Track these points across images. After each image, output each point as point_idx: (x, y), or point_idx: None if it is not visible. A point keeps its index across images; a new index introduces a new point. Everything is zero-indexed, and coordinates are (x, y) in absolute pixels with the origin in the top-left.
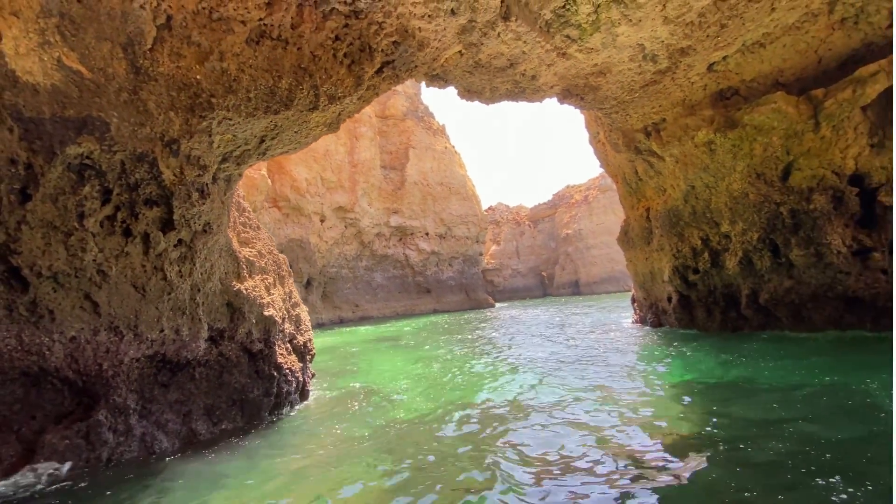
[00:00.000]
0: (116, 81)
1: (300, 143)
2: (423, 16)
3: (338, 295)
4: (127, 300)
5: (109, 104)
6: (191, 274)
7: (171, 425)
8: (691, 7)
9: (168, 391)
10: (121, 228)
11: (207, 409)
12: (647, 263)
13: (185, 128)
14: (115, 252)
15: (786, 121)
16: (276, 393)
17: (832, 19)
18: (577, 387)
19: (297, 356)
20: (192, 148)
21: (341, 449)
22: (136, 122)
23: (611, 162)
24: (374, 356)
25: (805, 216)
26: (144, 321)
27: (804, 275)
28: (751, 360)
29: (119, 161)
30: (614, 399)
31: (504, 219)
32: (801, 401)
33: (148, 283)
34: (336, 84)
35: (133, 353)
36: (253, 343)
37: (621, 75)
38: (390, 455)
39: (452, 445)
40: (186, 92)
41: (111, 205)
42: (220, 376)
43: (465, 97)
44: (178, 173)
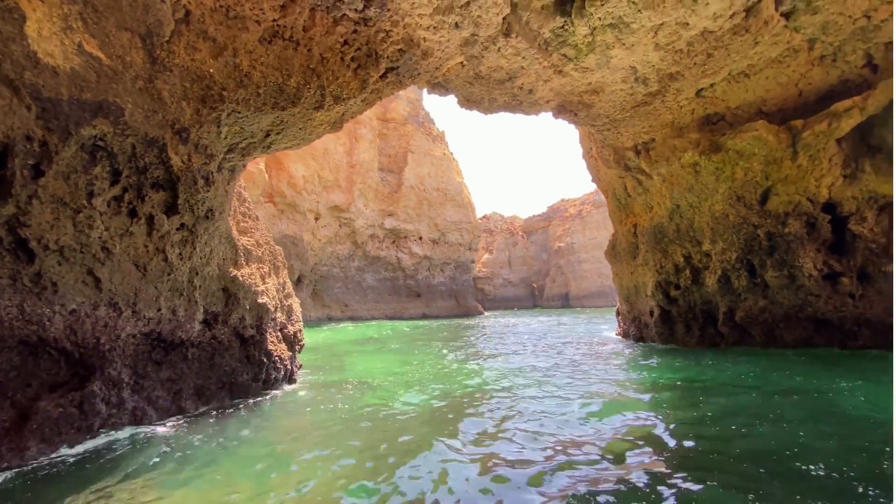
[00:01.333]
0: (133, 69)
1: (303, 140)
2: (428, 27)
3: (328, 294)
4: (128, 278)
5: (125, 90)
6: (191, 257)
7: (162, 402)
8: (680, 36)
9: (161, 369)
10: (127, 209)
11: (197, 389)
12: (632, 277)
13: (196, 117)
14: (119, 231)
15: (766, 148)
16: (264, 379)
17: (812, 56)
18: (553, 388)
19: (286, 345)
20: (200, 137)
21: (319, 435)
22: (149, 109)
23: (602, 177)
24: (362, 353)
25: (780, 239)
26: (143, 299)
27: (777, 295)
28: (722, 368)
29: (130, 144)
30: (586, 398)
31: (498, 228)
32: (767, 403)
33: (149, 263)
34: (342, 86)
35: (130, 330)
36: (245, 328)
37: (614, 95)
38: (363, 448)
39: (421, 433)
40: (199, 84)
41: (119, 186)
42: (212, 358)
43: (464, 106)
44: (185, 160)
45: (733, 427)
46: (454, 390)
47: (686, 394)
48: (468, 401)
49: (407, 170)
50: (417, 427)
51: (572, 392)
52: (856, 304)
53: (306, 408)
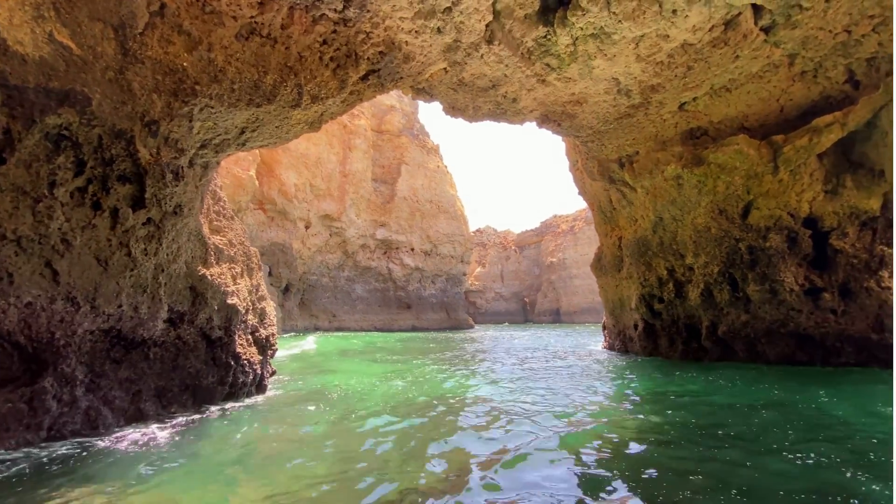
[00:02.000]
0: (104, 60)
1: (280, 139)
2: (409, 31)
3: (315, 303)
4: (88, 272)
5: (94, 80)
6: (156, 253)
7: (119, 402)
8: (661, 48)
9: (119, 368)
10: (91, 201)
11: (158, 390)
12: (617, 291)
13: (167, 111)
14: (81, 223)
15: (747, 162)
16: (231, 382)
17: (793, 71)
18: (534, 396)
19: (257, 349)
20: (171, 131)
21: (281, 447)
22: (118, 100)
23: (588, 190)
24: (343, 362)
25: (761, 253)
26: (103, 295)
27: (759, 310)
28: (702, 380)
29: (97, 135)
30: (566, 407)
31: (491, 242)
32: (743, 413)
33: (111, 257)
34: (320, 85)
35: (87, 326)
36: (213, 329)
37: (597, 106)
38: (327, 459)
39: (397, 450)
40: (172, 77)
41: (84, 177)
42: (176, 359)
43: (449, 113)
44: (154, 153)
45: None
46: (431, 404)
47: (660, 404)
48: (445, 416)
49: (400, 181)
50: (378, 449)
51: (548, 403)
52: (838, 320)
53: (267, 422)
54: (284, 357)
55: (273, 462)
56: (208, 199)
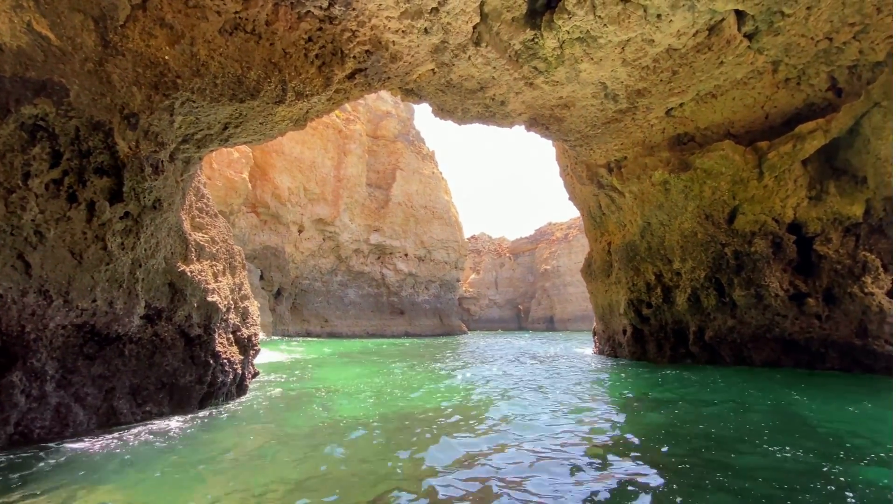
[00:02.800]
0: (83, 51)
1: (264, 135)
2: (396, 30)
3: (307, 308)
4: (61, 265)
5: (73, 72)
6: (133, 248)
7: (91, 399)
8: (647, 52)
9: (93, 364)
10: (66, 193)
11: (133, 388)
12: (606, 296)
13: (147, 103)
14: (56, 215)
15: (732, 167)
16: (209, 382)
17: (776, 78)
18: (520, 400)
19: (238, 348)
20: (151, 124)
21: (257, 453)
22: (96, 92)
23: (577, 195)
24: (331, 364)
25: (747, 258)
26: (77, 289)
27: (745, 315)
28: (686, 382)
29: (74, 126)
30: (554, 412)
31: (485, 248)
32: (727, 414)
33: (86, 250)
34: (305, 82)
35: (60, 320)
36: (192, 327)
37: (585, 110)
38: (304, 463)
39: (377, 454)
40: (153, 70)
41: (59, 168)
42: (152, 356)
43: (438, 115)
44: (133, 146)
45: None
46: (414, 409)
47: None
48: (426, 422)
49: (395, 186)
50: (354, 456)
51: (536, 406)
52: (822, 326)
53: (245, 424)
54: (271, 360)
55: (246, 468)
56: (191, 195)
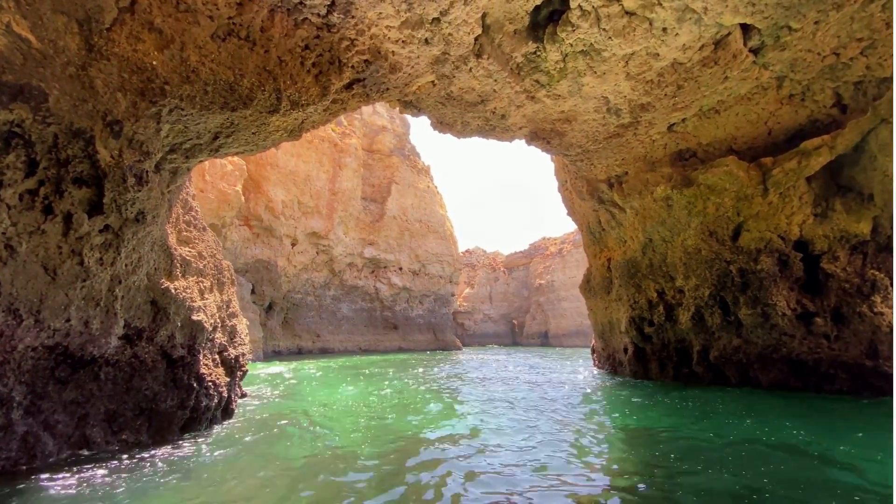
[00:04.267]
0: (66, 55)
1: (257, 146)
2: (396, 40)
3: (299, 322)
4: (33, 282)
5: (53, 76)
6: (113, 263)
7: (61, 427)
8: (651, 66)
9: (65, 389)
10: (42, 204)
11: (108, 415)
12: (606, 313)
13: (132, 111)
14: (29, 228)
15: (737, 183)
16: (192, 407)
17: (781, 94)
18: (516, 424)
19: (225, 369)
20: (136, 132)
21: (243, 489)
22: (77, 98)
23: (577, 210)
24: (320, 384)
25: (753, 276)
26: (49, 307)
27: (751, 334)
28: (687, 407)
29: (52, 134)
30: (552, 437)
31: (480, 263)
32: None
33: (61, 266)
34: (301, 91)
35: (30, 341)
36: (174, 348)
37: (586, 124)
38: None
39: (372, 487)
40: (139, 76)
41: (35, 178)
42: (130, 380)
43: (437, 129)
44: (116, 155)
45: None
46: (404, 438)
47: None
48: (416, 453)
49: (390, 200)
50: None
51: (533, 438)
52: (831, 346)
53: (230, 454)
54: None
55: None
56: (178, 207)
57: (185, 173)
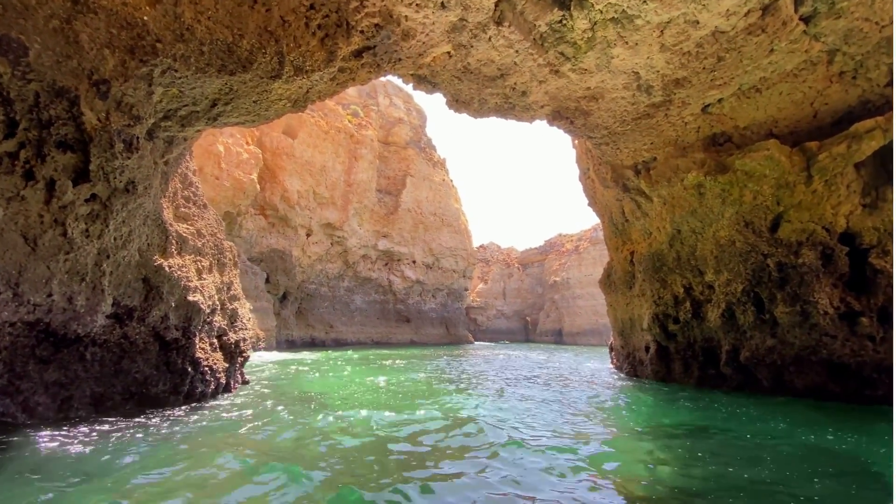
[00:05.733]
0: (49, 6)
1: (259, 116)
2: (410, 3)
3: (313, 313)
4: (11, 252)
5: (35, 28)
6: (100, 236)
7: (42, 410)
8: (689, 36)
9: (47, 369)
10: (22, 169)
11: (95, 398)
12: (627, 309)
13: (121, 69)
14: (7, 194)
15: (778, 170)
16: (186, 392)
17: (831, 71)
18: (529, 427)
19: (224, 354)
20: (125, 93)
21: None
22: (61, 53)
23: (599, 199)
24: (329, 374)
25: (792, 271)
26: (29, 280)
27: (788, 334)
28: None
29: (33, 92)
30: (562, 437)
31: (494, 258)
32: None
33: (42, 236)
34: (305, 55)
35: (7, 316)
36: (168, 329)
37: (614, 103)
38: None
39: (371, 470)
40: (129, 31)
41: (15, 140)
42: (119, 362)
43: (453, 107)
44: (102, 118)
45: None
46: (415, 424)
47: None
48: (421, 455)
49: (405, 192)
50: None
51: (538, 438)
52: (876, 349)
53: (224, 439)
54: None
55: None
56: (176, 181)
57: (182, 143)
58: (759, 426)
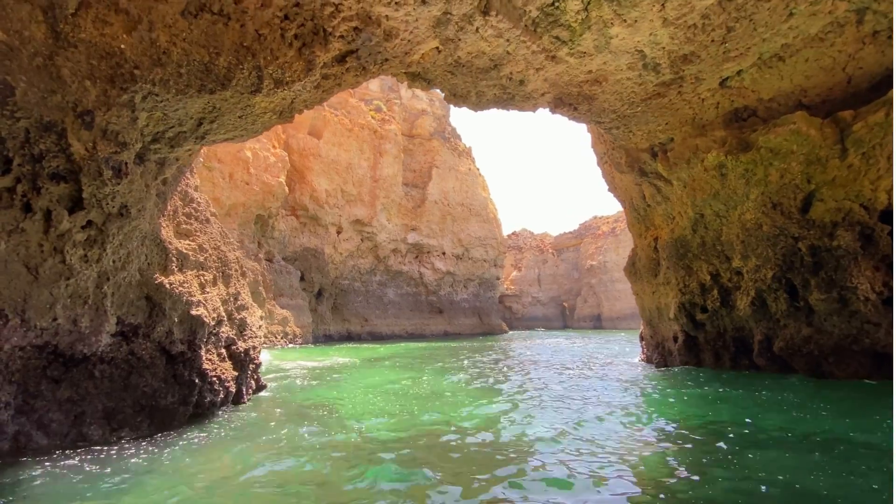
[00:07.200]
0: (32, 45)
1: (246, 131)
2: (388, 2)
3: (348, 308)
4: (16, 281)
5: (20, 68)
6: (99, 260)
7: (56, 426)
8: (693, 7)
9: (59, 388)
10: (21, 202)
11: (107, 412)
12: (653, 298)
13: (103, 99)
14: (7, 227)
15: (807, 145)
16: (196, 402)
17: (862, 31)
18: (551, 424)
19: (233, 363)
20: (108, 121)
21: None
22: (45, 89)
23: (617, 185)
24: (350, 372)
25: (827, 254)
26: (34, 307)
27: (825, 323)
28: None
29: (23, 129)
30: (590, 440)
31: (527, 245)
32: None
33: (42, 264)
34: (283, 67)
35: (17, 341)
36: (173, 344)
37: (619, 85)
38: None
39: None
40: (108, 61)
41: (11, 176)
42: (128, 377)
43: (451, 102)
44: (90, 147)
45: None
46: (443, 431)
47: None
48: (441, 459)
49: (431, 185)
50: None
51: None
52: None
53: (231, 450)
54: (302, 367)
55: None
56: (176, 199)
57: (175, 163)
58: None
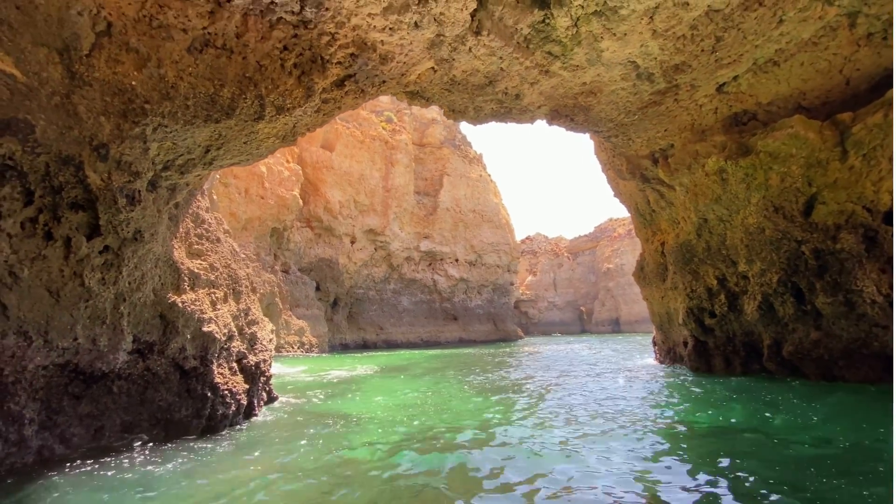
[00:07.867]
0: (50, 85)
1: (251, 155)
2: (383, 28)
3: (363, 316)
4: (39, 304)
5: (39, 107)
6: (116, 282)
7: (77, 440)
8: (681, 19)
9: (80, 403)
10: (42, 231)
11: (125, 426)
12: (662, 303)
13: (116, 133)
14: (31, 255)
15: (806, 148)
16: (208, 415)
17: (855, 34)
18: (564, 432)
19: (244, 376)
20: (122, 153)
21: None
22: (63, 126)
23: (622, 191)
24: (365, 382)
25: (832, 257)
26: (56, 328)
27: (834, 326)
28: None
29: (43, 163)
30: (608, 449)
31: (542, 249)
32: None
33: (63, 288)
34: (284, 94)
35: (40, 361)
36: (186, 359)
37: (615, 95)
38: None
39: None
40: (120, 97)
41: (33, 206)
42: (144, 392)
43: (450, 117)
44: (105, 178)
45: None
46: (462, 447)
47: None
48: (459, 472)
49: (443, 192)
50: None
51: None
52: None
53: (241, 461)
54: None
55: None
56: (188, 221)
57: (185, 188)
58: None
